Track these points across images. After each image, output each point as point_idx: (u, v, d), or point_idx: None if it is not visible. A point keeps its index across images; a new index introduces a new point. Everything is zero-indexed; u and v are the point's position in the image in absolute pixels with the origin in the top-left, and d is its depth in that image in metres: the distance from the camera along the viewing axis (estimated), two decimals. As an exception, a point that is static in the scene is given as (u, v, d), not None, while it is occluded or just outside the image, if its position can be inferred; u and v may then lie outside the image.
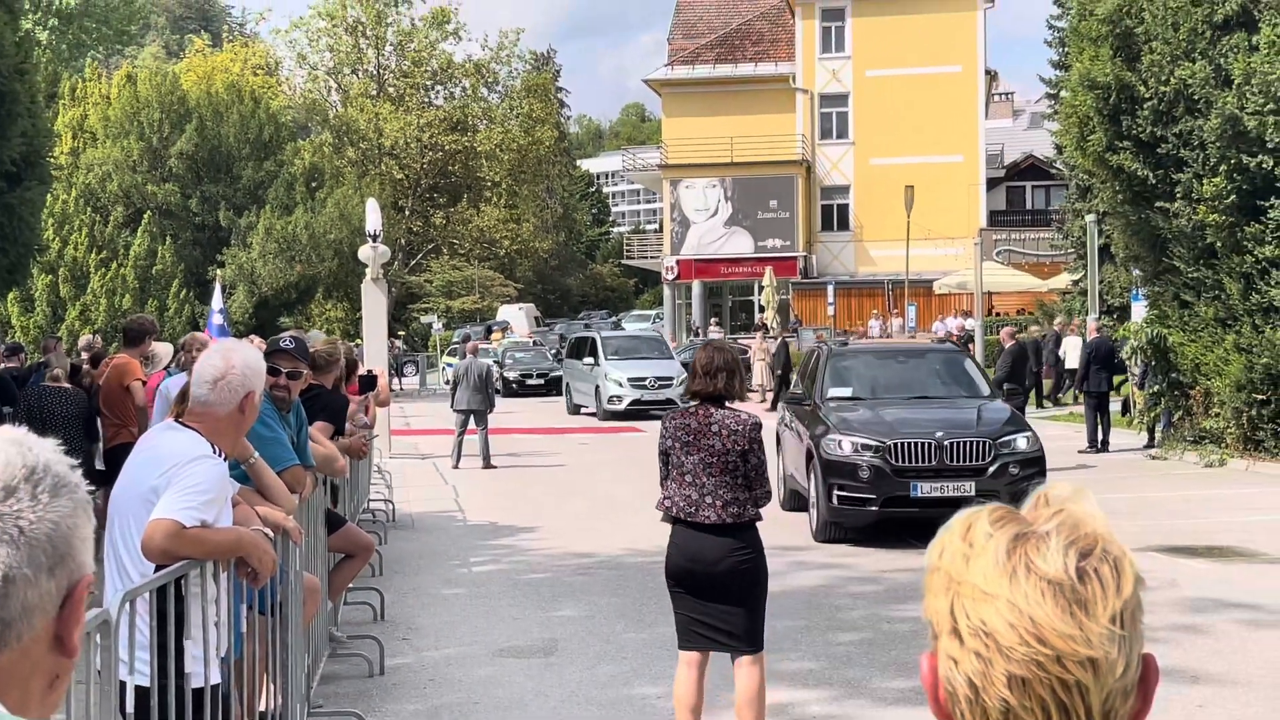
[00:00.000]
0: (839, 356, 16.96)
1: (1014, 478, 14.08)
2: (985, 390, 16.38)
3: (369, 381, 13.10)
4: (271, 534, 5.32)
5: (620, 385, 33.21)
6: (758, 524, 7.17)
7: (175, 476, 4.60)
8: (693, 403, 7.16)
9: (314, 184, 47.39)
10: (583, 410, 35.33)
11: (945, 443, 14.21)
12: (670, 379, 32.68)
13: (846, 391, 15.91)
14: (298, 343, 7.12)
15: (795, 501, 16.50)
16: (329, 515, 8.94)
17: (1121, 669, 1.38)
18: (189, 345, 10.16)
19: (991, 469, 14.19)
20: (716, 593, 6.94)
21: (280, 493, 5.76)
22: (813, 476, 14.75)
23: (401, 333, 65.62)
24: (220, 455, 4.84)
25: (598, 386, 33.85)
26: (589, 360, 35.03)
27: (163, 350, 13.05)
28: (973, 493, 13.85)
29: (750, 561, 6.98)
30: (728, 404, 7.08)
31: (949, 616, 1.42)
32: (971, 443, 14.25)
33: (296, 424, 7.00)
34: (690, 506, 6.94)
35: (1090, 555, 1.40)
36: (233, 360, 4.99)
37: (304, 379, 7.10)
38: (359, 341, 30.46)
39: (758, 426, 7.11)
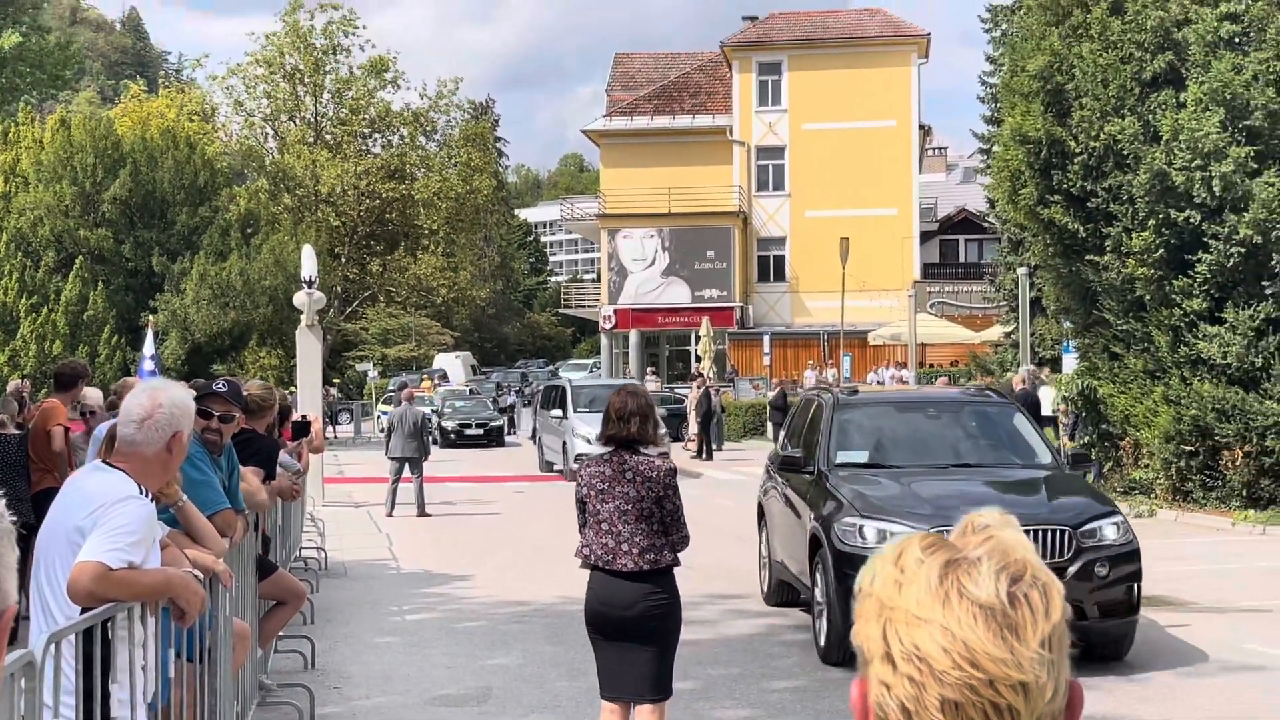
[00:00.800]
0: (848, 409, 12.95)
1: (1102, 581, 10.66)
2: (1044, 454, 12.57)
3: (302, 427, 13.00)
4: (201, 576, 5.26)
5: (589, 443, 28.40)
6: (674, 569, 7.10)
7: (102, 517, 4.53)
8: (607, 449, 7.09)
9: (249, 230, 47.11)
10: (554, 468, 31.66)
11: None
12: None
13: (861, 456, 12.30)
14: (231, 385, 7.06)
15: (785, 595, 13.35)
16: (260, 562, 8.84)
17: (1050, 693, 1.40)
18: (121, 390, 10.04)
19: (1073, 569, 10.50)
20: (628, 636, 6.88)
21: (210, 535, 5.70)
22: (820, 573, 11.21)
23: (336, 380, 65.24)
24: (148, 495, 4.78)
25: (564, 442, 30.28)
26: (557, 413, 31.74)
27: (94, 396, 12.89)
28: None
29: (664, 606, 6.92)
30: (643, 449, 7.02)
31: (881, 642, 1.43)
32: (1046, 532, 10.57)
33: (228, 468, 6.93)
34: (607, 554, 6.88)
35: (1020, 580, 1.42)
36: (159, 399, 4.93)
37: (237, 422, 7.04)
38: (293, 389, 30.23)
39: (672, 472, 7.05)
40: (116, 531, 4.50)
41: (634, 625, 6.86)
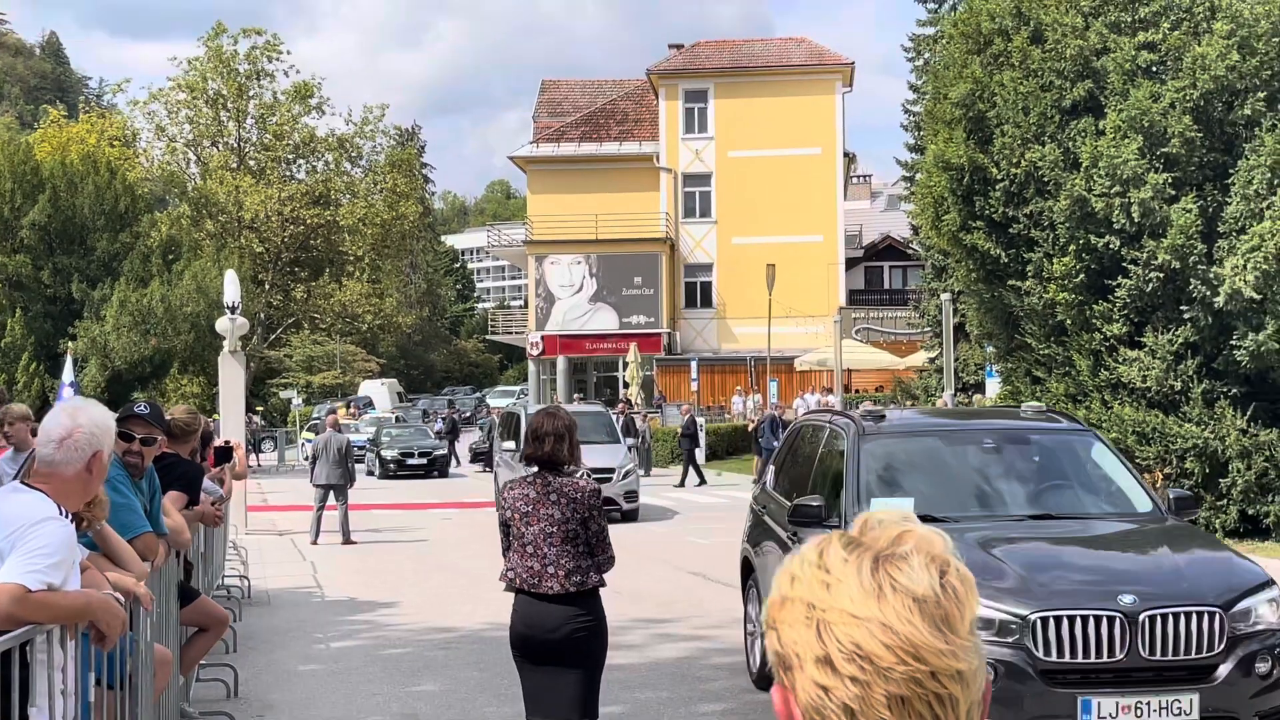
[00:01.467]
0: (879, 440, 9.83)
1: (1265, 683, 7.72)
2: (1141, 498, 9.64)
3: (225, 453, 12.85)
4: (122, 599, 5.17)
5: None
6: (600, 590, 7.06)
7: (20, 539, 4.45)
8: (530, 471, 7.05)
9: (171, 256, 46.64)
10: None
11: (1140, 615, 7.62)
12: (612, 471, 25.43)
13: (905, 504, 7.76)
14: (153, 408, 6.96)
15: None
16: (182, 588, 8.71)
17: (980, 679, 1.40)
18: (5, 418, 9.74)
19: (1226, 667, 7.69)
20: (553, 659, 6.83)
21: (130, 558, 5.60)
22: None
23: (260, 408, 64.57)
24: (68, 516, 4.69)
25: None
26: (509, 446, 27.42)
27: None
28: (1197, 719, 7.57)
29: (589, 628, 6.88)
30: (564, 470, 6.97)
31: (817, 644, 1.41)
32: (1186, 615, 7.68)
33: (149, 491, 6.82)
34: (533, 577, 6.82)
35: (947, 573, 1.42)
36: (79, 419, 4.85)
37: (158, 445, 6.93)
38: (216, 416, 29.89)
39: (597, 493, 7.00)
40: (35, 553, 4.41)
41: (560, 648, 6.81)
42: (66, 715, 4.74)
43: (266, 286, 67.61)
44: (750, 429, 38.32)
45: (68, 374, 25.04)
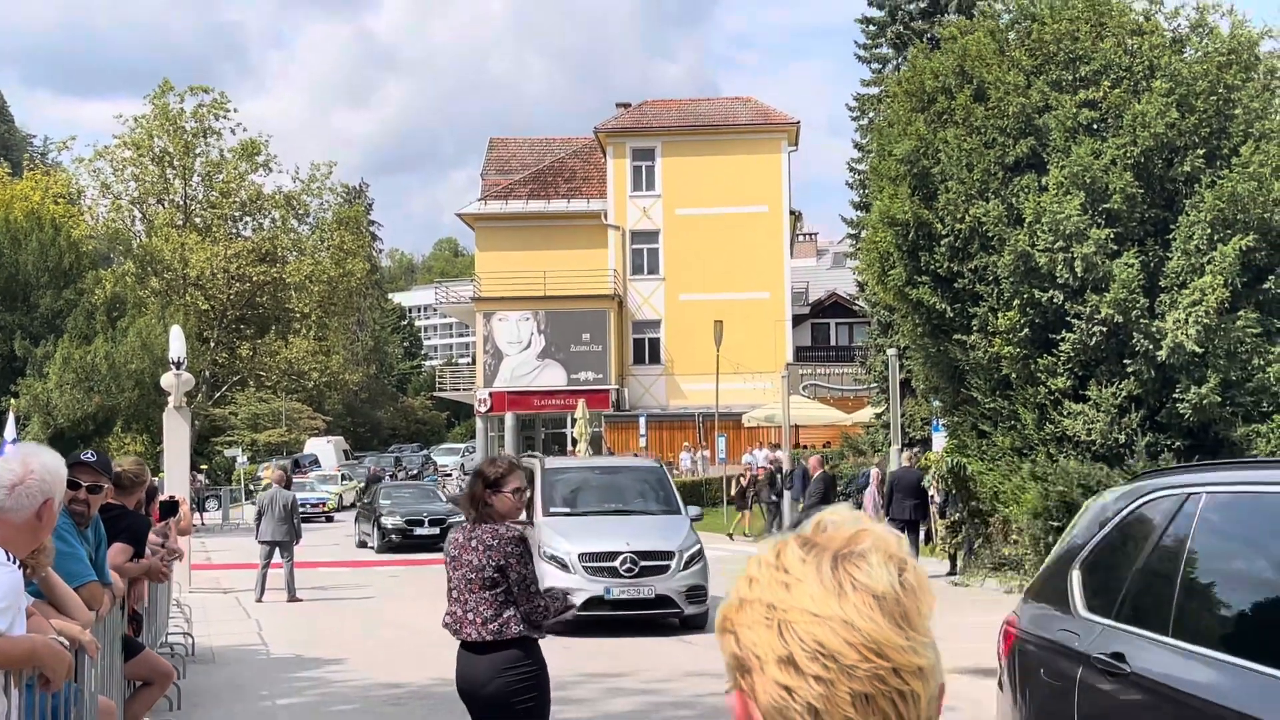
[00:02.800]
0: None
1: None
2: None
3: (170, 507, 12.71)
4: (67, 645, 5.10)
5: (567, 569, 17.62)
6: (538, 640, 6.87)
7: (-35, 585, 4.38)
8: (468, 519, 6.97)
9: (115, 314, 46.26)
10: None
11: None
12: (669, 557, 17.80)
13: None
14: (100, 456, 6.90)
15: None
16: (127, 642, 8.60)
17: (938, 675, 1.42)
18: None
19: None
20: (488, 710, 6.68)
21: (76, 606, 5.53)
22: None
23: (204, 466, 63.93)
24: (15, 562, 4.63)
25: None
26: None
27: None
28: None
29: (522, 682, 6.66)
30: (494, 518, 6.84)
31: (778, 645, 1.41)
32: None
33: (95, 540, 6.75)
34: (456, 624, 6.76)
35: (905, 570, 1.44)
36: (31, 465, 4.80)
37: (105, 494, 6.86)
38: (161, 474, 29.58)
39: (516, 540, 6.83)
40: (-20, 598, 4.35)
41: (491, 701, 6.65)
42: (10, 765, 4.66)
43: (212, 344, 67.17)
44: (745, 481, 38.00)
45: (9, 432, 24.74)
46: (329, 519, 47.74)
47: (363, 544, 35.21)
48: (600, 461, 26.68)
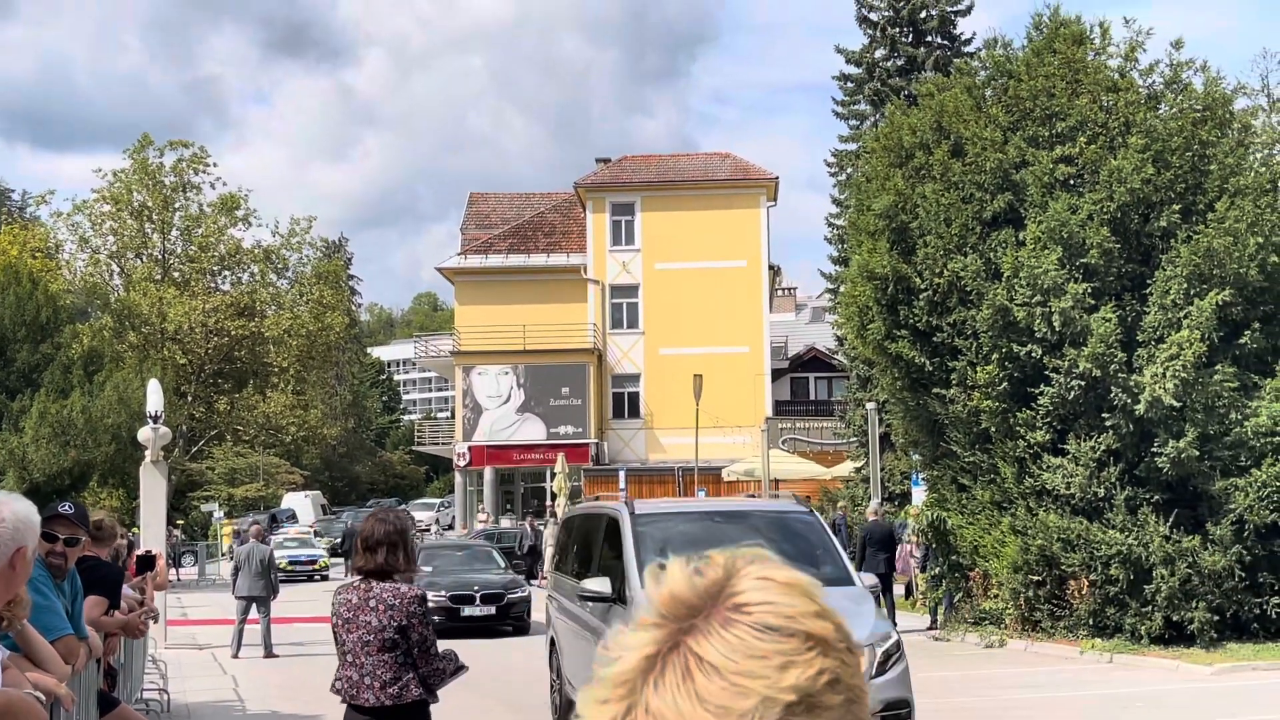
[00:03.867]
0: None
1: None
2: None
3: (146, 562, 12.60)
4: (43, 699, 5.03)
5: None
6: (431, 705, 6.64)
7: (-61, 637, 4.33)
8: (356, 578, 6.68)
9: (92, 368, 46.07)
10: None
11: None
12: None
13: None
14: (77, 508, 6.84)
15: None
16: (102, 696, 8.50)
17: None
18: None
19: None
20: None
21: (52, 659, 5.46)
22: None
23: (181, 521, 63.56)
24: (-11, 614, 4.57)
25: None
26: (597, 586, 12.80)
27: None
28: None
29: None
30: (393, 578, 6.58)
31: None
32: None
33: (71, 593, 6.67)
34: (352, 688, 6.47)
35: None
36: (3, 514, 4.74)
37: (82, 546, 6.80)
38: (136, 529, 29.37)
39: (418, 600, 6.59)
40: (-46, 650, 4.29)
41: None
42: (-18, 821, 4.58)
43: (189, 398, 66.92)
44: None
45: (-16, 485, 24.55)
46: (324, 577, 46.51)
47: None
48: (715, 505, 18.07)
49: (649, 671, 1.12)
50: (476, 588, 25.33)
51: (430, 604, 17.59)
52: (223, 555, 49.81)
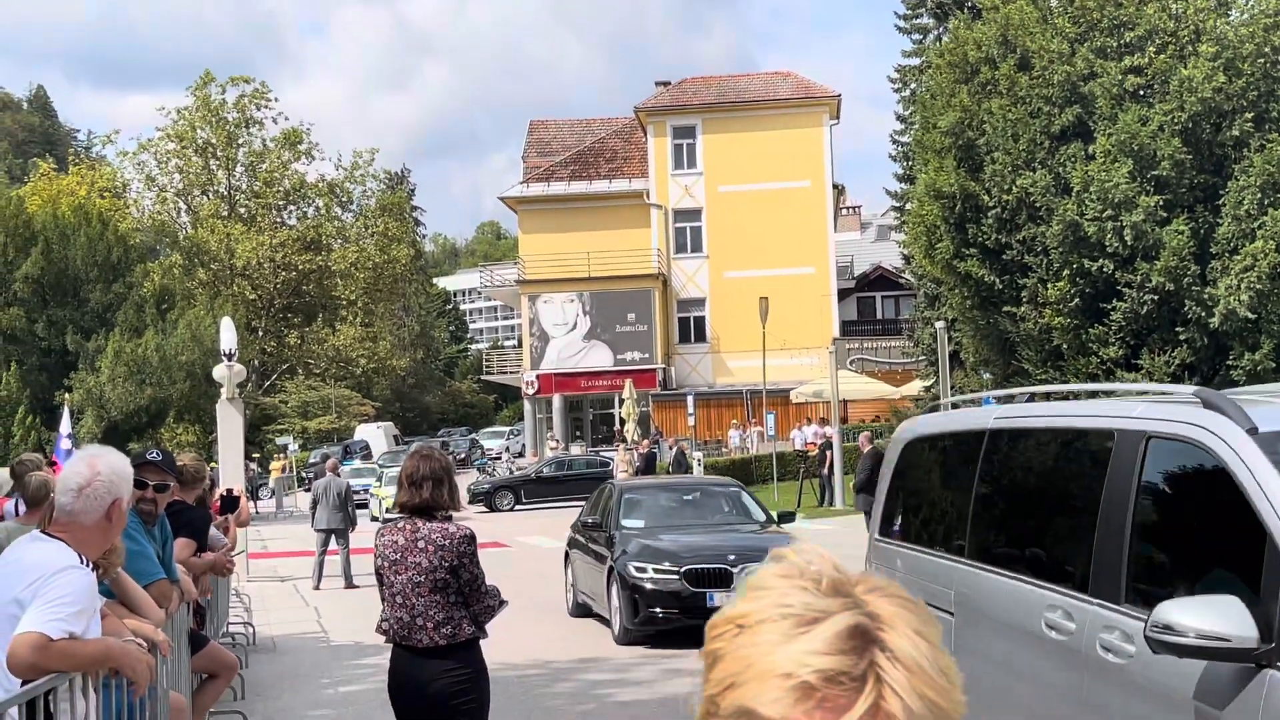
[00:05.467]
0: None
1: None
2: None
3: (230, 502, 12.84)
4: (144, 645, 5.17)
5: None
6: (480, 641, 6.66)
7: (41, 588, 4.45)
8: (400, 517, 6.67)
9: (164, 306, 46.67)
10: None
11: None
12: None
13: None
14: (165, 455, 6.96)
15: None
16: (192, 635, 8.69)
17: None
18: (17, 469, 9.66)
19: None
20: (430, 715, 6.45)
21: (147, 605, 5.60)
22: None
23: (256, 455, 64.48)
24: (88, 565, 4.69)
25: None
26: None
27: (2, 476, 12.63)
28: None
29: (466, 681, 6.46)
30: (438, 515, 6.57)
31: None
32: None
33: (161, 538, 6.82)
34: (403, 629, 6.47)
35: None
36: (98, 467, 4.85)
37: (171, 492, 6.94)
38: (214, 464, 29.85)
39: (468, 539, 6.56)
40: (57, 602, 4.41)
41: (436, 703, 6.42)
42: (89, 764, 4.73)
43: (260, 333, 67.68)
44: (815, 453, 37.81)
45: (65, 426, 24.94)
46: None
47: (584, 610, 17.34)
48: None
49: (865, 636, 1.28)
50: (732, 557, 14.77)
51: (649, 585, 14.50)
52: (285, 491, 50.42)
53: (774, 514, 17.42)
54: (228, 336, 25.74)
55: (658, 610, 14.58)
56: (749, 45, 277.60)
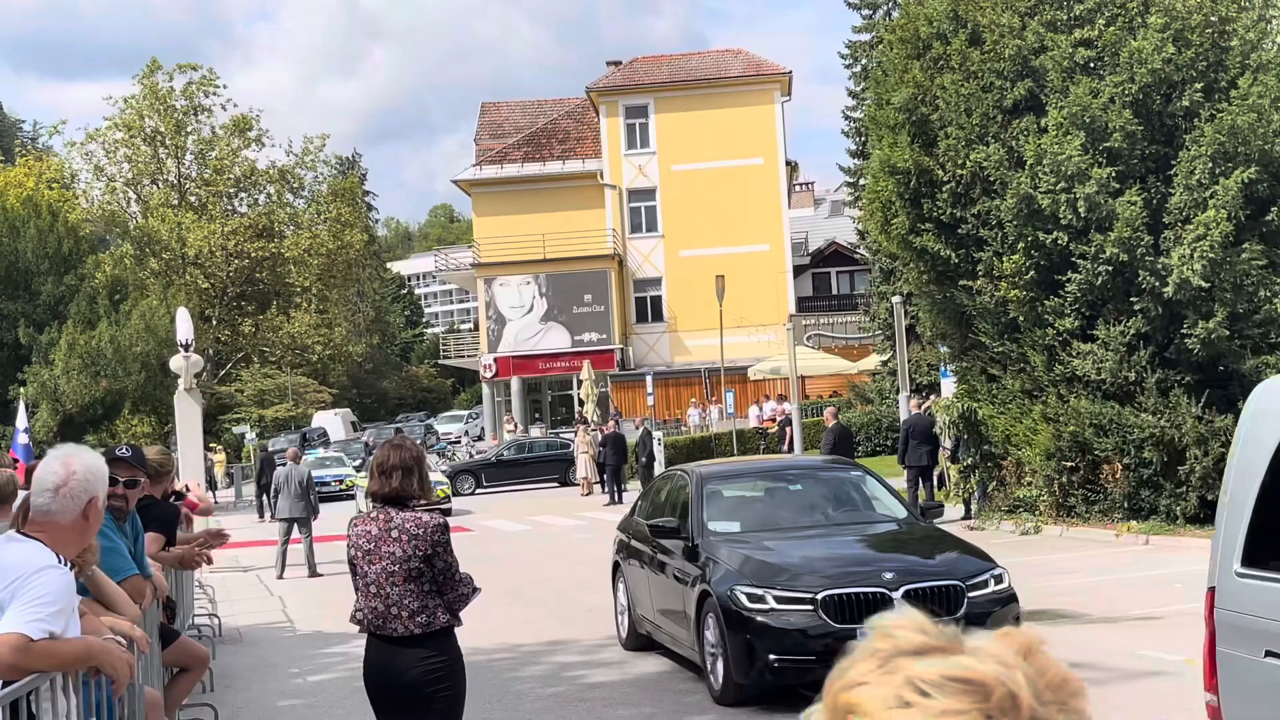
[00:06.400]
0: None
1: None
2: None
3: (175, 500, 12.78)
4: (124, 642, 5.16)
5: None
6: (456, 629, 6.69)
7: (20, 588, 4.44)
8: (373, 507, 6.70)
9: (117, 297, 46.28)
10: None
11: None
12: None
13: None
14: (135, 451, 6.95)
15: None
16: (162, 629, 8.67)
17: None
18: None
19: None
20: (406, 706, 6.47)
21: (124, 602, 5.60)
22: None
23: (214, 445, 64.08)
24: (66, 564, 4.69)
25: None
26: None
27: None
28: None
29: (442, 669, 6.49)
30: (411, 505, 6.60)
31: None
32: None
33: (133, 534, 6.81)
34: (378, 619, 6.50)
35: None
36: (73, 466, 4.85)
37: (141, 487, 6.92)
38: (174, 454, 29.64)
39: (440, 528, 6.58)
40: (36, 602, 4.41)
41: (411, 693, 6.45)
42: (72, 763, 4.73)
43: (214, 322, 67.25)
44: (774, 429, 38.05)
45: (21, 420, 24.76)
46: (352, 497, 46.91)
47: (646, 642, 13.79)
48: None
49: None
50: (890, 575, 10.77)
51: (771, 619, 10.40)
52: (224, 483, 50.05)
53: (911, 504, 13.86)
54: (184, 327, 25.61)
55: (784, 659, 10.29)
56: (699, 23, 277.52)
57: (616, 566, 13.88)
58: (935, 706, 1.07)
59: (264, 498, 36.83)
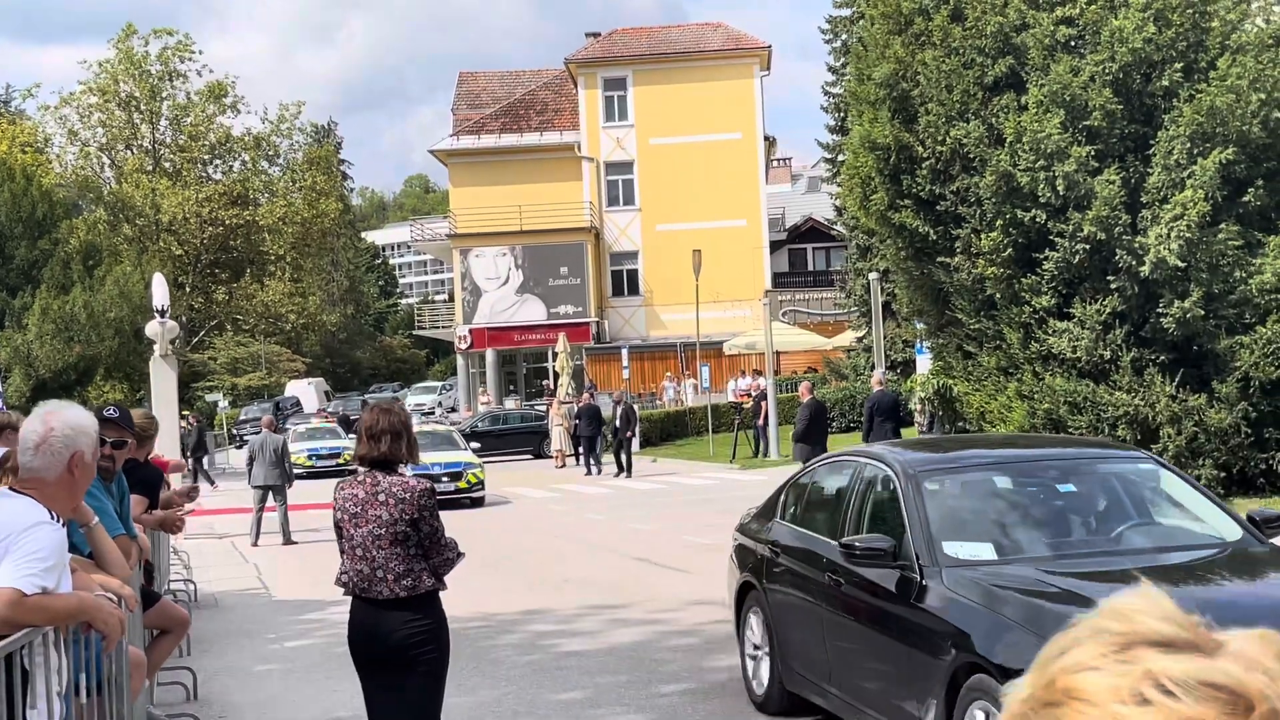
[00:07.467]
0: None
1: None
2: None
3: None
4: (114, 599, 5.18)
5: None
6: (440, 593, 6.74)
7: (13, 544, 4.45)
8: (361, 470, 6.74)
9: (91, 262, 46.03)
10: None
11: None
12: None
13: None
14: (122, 412, 6.95)
15: None
16: (143, 591, 8.67)
17: None
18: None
19: None
20: (390, 667, 6.55)
21: (116, 560, 5.61)
22: None
23: (187, 413, 63.84)
24: (58, 520, 4.70)
25: None
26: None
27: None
28: None
29: (427, 632, 6.54)
30: (399, 469, 6.66)
31: None
32: None
33: (119, 494, 6.81)
34: (363, 581, 6.54)
35: None
36: (52, 423, 4.85)
37: (128, 448, 6.92)
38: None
39: (428, 492, 6.64)
40: (29, 557, 4.42)
41: (395, 655, 6.51)
42: (61, 717, 4.75)
43: (187, 289, 66.94)
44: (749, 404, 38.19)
45: (-6, 384, 24.67)
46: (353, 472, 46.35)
47: (796, 704, 9.61)
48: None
49: None
50: None
51: None
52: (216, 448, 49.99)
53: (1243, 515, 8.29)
54: (160, 293, 25.52)
55: None
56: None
57: (746, 590, 9.80)
58: (1180, 711, 0.96)
59: (199, 467, 38.20)
